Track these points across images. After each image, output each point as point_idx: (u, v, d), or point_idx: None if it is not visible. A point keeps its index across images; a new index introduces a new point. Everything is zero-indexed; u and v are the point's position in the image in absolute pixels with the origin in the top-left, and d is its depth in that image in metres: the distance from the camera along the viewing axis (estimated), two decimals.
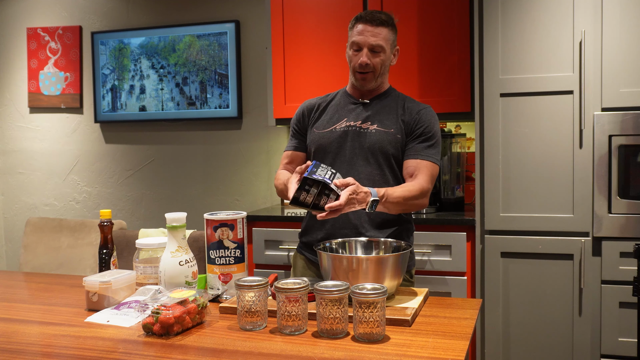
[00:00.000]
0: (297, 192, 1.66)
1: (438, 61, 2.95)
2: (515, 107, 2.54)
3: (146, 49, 3.84)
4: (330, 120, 2.04)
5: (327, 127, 2.03)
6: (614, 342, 2.46)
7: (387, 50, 1.96)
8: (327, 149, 2.00)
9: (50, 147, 4.17)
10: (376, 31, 1.93)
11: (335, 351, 1.31)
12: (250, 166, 3.73)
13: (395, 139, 1.95)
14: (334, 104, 2.08)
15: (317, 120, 2.07)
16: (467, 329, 1.44)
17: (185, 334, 1.44)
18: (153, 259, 1.82)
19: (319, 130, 2.04)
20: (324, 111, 2.07)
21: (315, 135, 2.04)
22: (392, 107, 2.01)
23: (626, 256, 2.42)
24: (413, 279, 2.04)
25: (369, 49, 1.94)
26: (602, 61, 2.42)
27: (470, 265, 2.68)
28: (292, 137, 2.14)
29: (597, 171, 2.45)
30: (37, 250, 2.74)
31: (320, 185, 1.66)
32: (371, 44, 1.93)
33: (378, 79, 2.00)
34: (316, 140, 2.03)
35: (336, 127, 2.01)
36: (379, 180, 1.94)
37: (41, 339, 1.45)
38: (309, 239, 2.04)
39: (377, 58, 1.95)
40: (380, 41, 1.93)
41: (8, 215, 4.33)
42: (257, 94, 3.68)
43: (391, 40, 1.97)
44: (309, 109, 2.11)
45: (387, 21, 1.95)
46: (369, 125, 1.98)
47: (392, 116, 1.99)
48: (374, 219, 1.95)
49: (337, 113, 2.05)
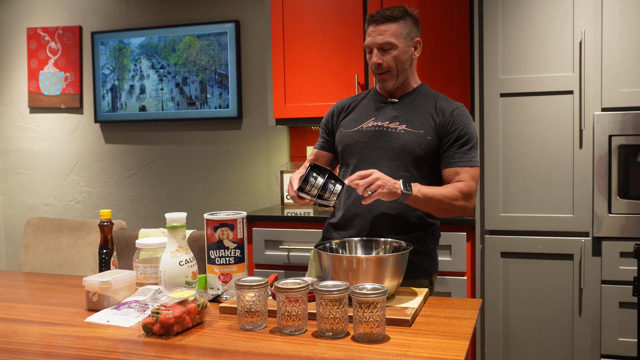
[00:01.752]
0: (302, 182, 1.66)
1: (438, 61, 2.95)
2: (515, 107, 2.54)
3: (146, 49, 3.84)
4: (358, 119, 2.00)
5: (354, 127, 1.99)
6: (614, 342, 2.46)
7: (399, 44, 1.90)
8: (353, 148, 1.96)
9: (50, 147, 4.17)
10: (382, 29, 1.90)
11: (335, 351, 1.31)
12: (250, 166, 3.73)
13: (424, 140, 1.89)
14: (363, 103, 2.04)
15: (346, 119, 2.03)
16: (467, 329, 1.44)
17: (185, 334, 1.44)
18: (153, 259, 1.82)
19: (346, 129, 2.00)
20: (355, 111, 2.04)
21: (342, 134, 2.01)
22: (423, 107, 1.95)
23: (626, 256, 2.42)
24: (433, 286, 1.97)
25: (378, 48, 1.91)
26: (602, 61, 2.42)
27: (470, 265, 2.68)
28: (321, 136, 2.13)
29: (597, 171, 2.45)
30: (37, 250, 2.74)
31: (326, 174, 1.66)
32: (378, 43, 1.90)
33: (400, 76, 1.94)
34: (343, 139, 2.00)
35: (363, 127, 1.97)
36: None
37: (41, 339, 1.45)
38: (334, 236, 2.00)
39: (388, 55, 1.90)
40: (387, 38, 1.89)
41: (8, 215, 4.33)
42: (257, 94, 3.68)
43: (404, 33, 1.91)
44: (339, 109, 2.08)
45: (395, 16, 1.90)
46: (397, 126, 1.92)
47: (422, 116, 1.93)
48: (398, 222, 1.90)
49: (365, 112, 2.01)
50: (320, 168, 1.71)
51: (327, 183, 1.68)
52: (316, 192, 1.67)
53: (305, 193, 1.68)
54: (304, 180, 1.68)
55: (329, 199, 1.69)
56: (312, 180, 1.67)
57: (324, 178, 1.68)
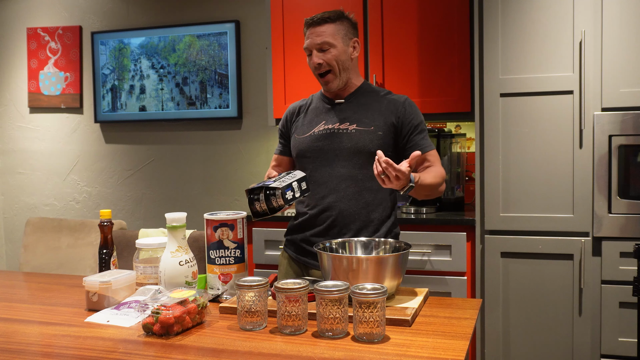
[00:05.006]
0: (250, 207, 1.74)
1: (438, 61, 2.95)
2: (515, 107, 2.54)
3: (146, 49, 3.84)
4: (309, 124, 2.05)
5: (306, 132, 2.04)
6: (614, 342, 2.46)
7: (337, 44, 1.95)
8: (308, 153, 2.01)
9: (50, 147, 4.17)
10: (319, 30, 1.94)
11: (335, 351, 1.31)
12: (250, 166, 3.73)
13: (376, 136, 1.95)
14: (312, 108, 2.09)
15: (298, 125, 2.09)
16: (467, 329, 1.44)
17: (185, 334, 1.44)
18: (153, 259, 1.82)
19: (299, 136, 2.06)
20: (305, 116, 2.09)
21: (296, 140, 2.06)
22: (370, 104, 2.00)
23: (626, 256, 2.42)
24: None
25: (317, 49, 1.95)
26: (602, 61, 2.42)
27: (470, 265, 2.68)
28: (279, 140, 2.18)
29: (597, 171, 2.44)
30: (37, 250, 2.73)
31: (262, 189, 1.71)
32: (317, 44, 1.95)
33: (342, 75, 1.98)
34: (296, 146, 2.05)
35: (315, 131, 2.02)
36: (362, 179, 1.95)
37: (41, 339, 1.45)
38: (293, 236, 2.08)
39: (328, 54, 1.95)
40: (325, 38, 1.94)
41: (8, 215, 4.33)
42: (257, 94, 3.68)
43: (341, 33, 1.96)
44: (290, 113, 2.14)
45: (330, 17, 1.95)
46: (347, 126, 1.98)
47: (370, 113, 1.98)
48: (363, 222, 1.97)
49: (315, 117, 2.05)
50: (253, 190, 1.77)
51: (268, 196, 1.76)
52: (266, 207, 1.76)
53: (260, 214, 1.77)
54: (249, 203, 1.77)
55: (276, 207, 1.76)
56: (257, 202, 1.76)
57: (262, 194, 1.76)
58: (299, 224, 2.06)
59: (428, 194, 1.93)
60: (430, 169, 1.95)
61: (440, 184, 1.93)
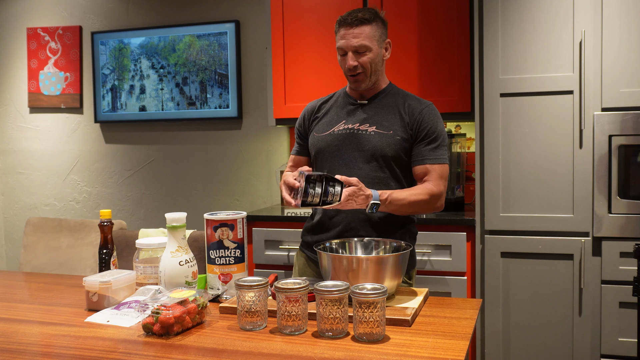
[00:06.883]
0: (303, 196, 1.67)
1: (438, 61, 2.95)
2: (515, 107, 2.54)
3: (146, 49, 3.84)
4: (329, 123, 2.03)
5: (326, 130, 2.02)
6: (614, 342, 2.46)
7: (373, 47, 1.92)
8: (326, 152, 1.99)
9: (50, 147, 4.17)
10: (356, 32, 1.90)
11: (335, 351, 1.31)
12: (250, 166, 3.73)
13: (394, 140, 1.92)
14: (334, 106, 2.07)
15: (317, 123, 2.06)
16: (467, 329, 1.44)
17: (185, 334, 1.44)
18: (153, 259, 1.82)
19: (318, 133, 2.03)
20: (325, 114, 2.06)
21: (315, 139, 2.04)
22: (392, 107, 1.98)
23: (626, 256, 2.42)
24: (412, 281, 2.01)
25: (353, 51, 1.92)
26: (602, 61, 2.42)
27: (470, 265, 2.68)
28: (296, 141, 2.15)
29: (597, 171, 2.45)
30: (37, 250, 2.73)
31: (323, 179, 1.66)
32: (354, 46, 1.91)
33: (372, 77, 1.96)
34: (315, 144, 2.03)
35: (334, 130, 2.00)
36: (379, 183, 1.92)
37: (41, 339, 1.45)
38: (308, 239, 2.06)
39: (364, 57, 1.92)
40: (362, 41, 1.90)
41: (8, 215, 4.33)
42: (257, 94, 3.68)
43: (377, 35, 1.93)
44: (309, 112, 2.11)
45: (367, 18, 1.91)
46: (367, 128, 1.96)
47: (391, 116, 1.96)
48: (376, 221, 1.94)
49: (336, 115, 2.03)
50: (314, 176, 1.71)
51: (327, 187, 1.69)
52: (319, 200, 1.68)
53: (309, 205, 1.69)
54: (304, 193, 1.68)
55: (333, 201, 1.70)
56: (311, 192, 1.68)
57: (322, 184, 1.69)
58: (315, 224, 2.03)
59: (412, 211, 1.89)
60: (418, 185, 1.92)
61: (425, 201, 1.87)
